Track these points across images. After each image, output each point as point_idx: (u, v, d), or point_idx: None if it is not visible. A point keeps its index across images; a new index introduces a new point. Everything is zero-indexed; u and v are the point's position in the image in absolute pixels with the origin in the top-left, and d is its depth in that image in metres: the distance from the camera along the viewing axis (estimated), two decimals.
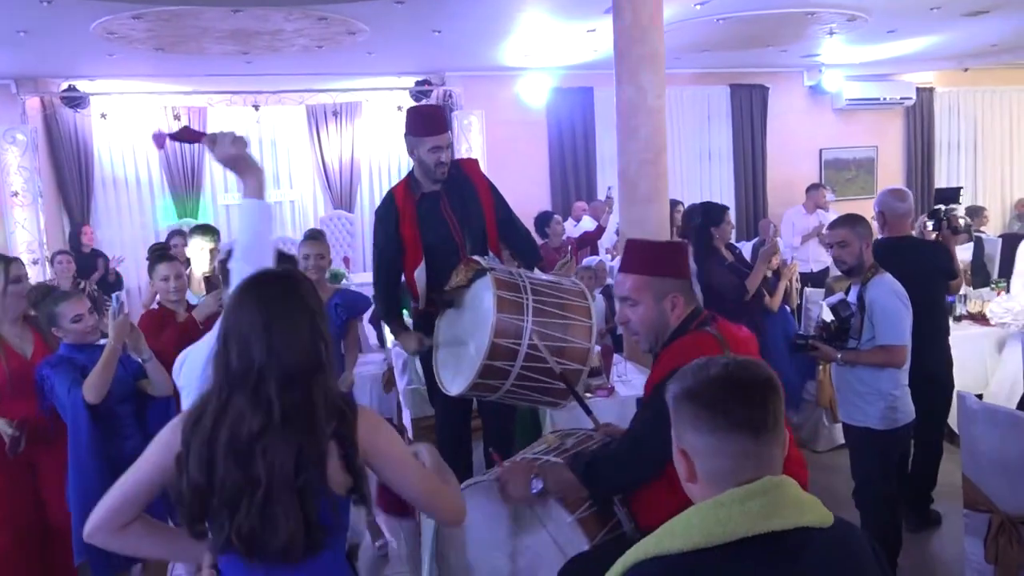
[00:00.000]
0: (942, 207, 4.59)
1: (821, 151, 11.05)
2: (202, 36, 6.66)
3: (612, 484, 2.27)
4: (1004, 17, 7.77)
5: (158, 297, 3.99)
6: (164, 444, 1.67)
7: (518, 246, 3.76)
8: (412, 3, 5.95)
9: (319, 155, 10.00)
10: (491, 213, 3.66)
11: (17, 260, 3.51)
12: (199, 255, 4.90)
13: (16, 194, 8.49)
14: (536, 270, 3.56)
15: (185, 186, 9.64)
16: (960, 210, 4.72)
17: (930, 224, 4.63)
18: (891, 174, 11.39)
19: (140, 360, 3.34)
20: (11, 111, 8.60)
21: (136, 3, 5.27)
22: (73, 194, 9.12)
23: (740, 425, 1.32)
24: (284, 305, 1.65)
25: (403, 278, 3.72)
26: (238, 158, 2.18)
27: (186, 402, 2.38)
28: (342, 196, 10.13)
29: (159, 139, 2.42)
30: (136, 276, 8.93)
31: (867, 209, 6.26)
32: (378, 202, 10.71)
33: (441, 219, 3.56)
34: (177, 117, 9.21)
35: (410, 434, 4.49)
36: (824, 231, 4.23)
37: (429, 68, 9.50)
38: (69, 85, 8.75)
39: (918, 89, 11.20)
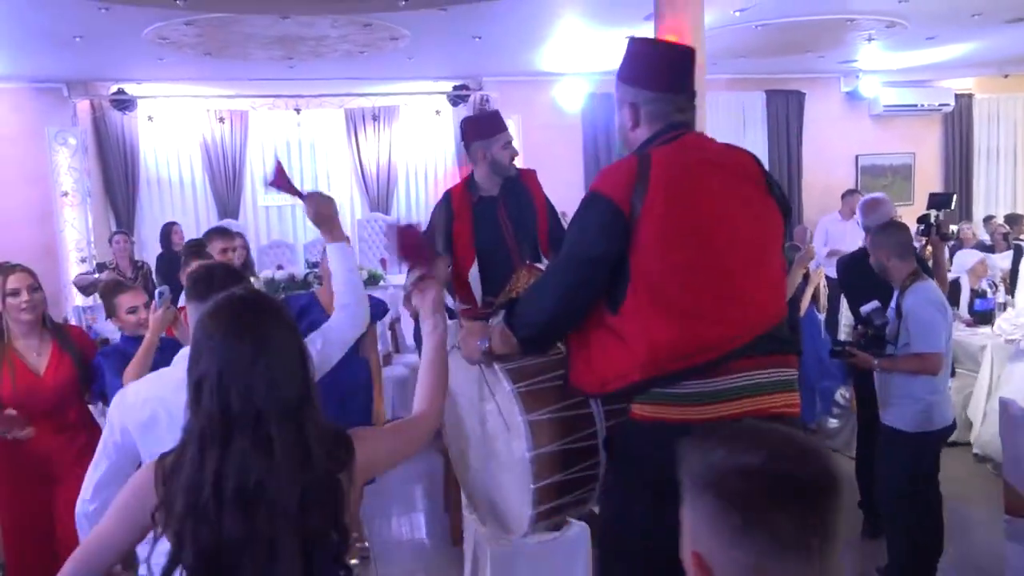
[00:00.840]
0: (933, 212, 4.53)
1: (858, 157, 11.01)
2: (248, 41, 6.84)
3: (529, 319, 2.05)
4: None
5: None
6: (137, 503, 1.52)
7: None
8: (454, 10, 6.07)
9: (357, 158, 10.17)
10: (544, 224, 3.76)
11: (21, 271, 3.21)
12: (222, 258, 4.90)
13: (66, 194, 8.75)
14: None
15: (227, 187, 9.87)
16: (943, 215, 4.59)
17: (919, 229, 4.59)
18: (928, 181, 11.31)
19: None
20: (62, 113, 8.87)
21: (189, 11, 5.43)
22: (120, 194, 9.37)
23: (787, 547, 0.95)
24: (277, 333, 1.53)
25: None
26: (327, 218, 2.38)
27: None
28: (379, 198, 10.28)
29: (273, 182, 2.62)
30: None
31: (907, 216, 6.28)
32: (414, 205, 10.79)
33: (496, 223, 3.65)
34: (222, 120, 9.44)
35: None
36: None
37: (466, 73, 9.63)
38: (118, 88, 9.00)
39: (957, 95, 11.12)
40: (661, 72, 2.04)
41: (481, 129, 3.64)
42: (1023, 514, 3.27)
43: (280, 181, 2.58)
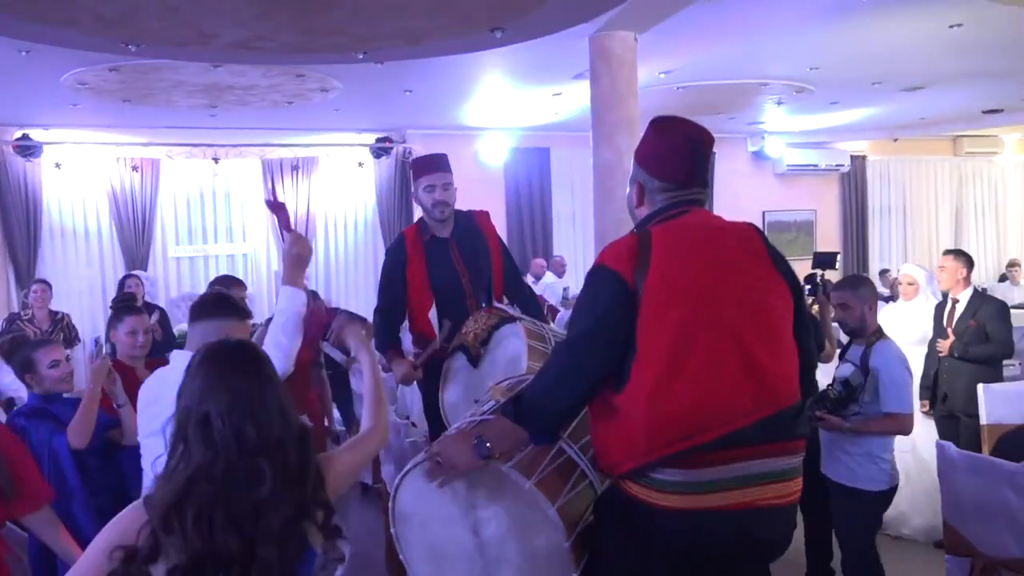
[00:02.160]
0: (818, 272, 4.62)
1: (764, 213, 11.54)
2: (175, 89, 6.67)
3: (544, 411, 2.02)
4: (935, 92, 8.36)
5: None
6: (121, 533, 1.61)
7: (522, 301, 3.87)
8: (390, 64, 6.10)
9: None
10: (499, 265, 3.77)
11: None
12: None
13: None
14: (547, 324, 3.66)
15: (135, 237, 9.49)
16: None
17: (807, 289, 4.59)
18: (828, 236, 11.95)
19: (115, 405, 3.30)
20: None
21: (129, 56, 5.27)
22: (20, 244, 8.87)
23: None
24: (269, 371, 1.73)
25: (408, 323, 3.80)
26: (302, 261, 2.46)
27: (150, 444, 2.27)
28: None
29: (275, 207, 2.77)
30: (91, 327, 8.76)
31: (802, 271, 6.60)
32: (333, 255, 10.70)
33: (450, 265, 3.65)
34: (135, 168, 9.12)
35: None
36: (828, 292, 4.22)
37: (391, 125, 9.65)
38: (23, 134, 8.58)
39: (852, 157, 11.86)
40: (672, 163, 2.07)
41: (416, 168, 3.69)
42: (963, 553, 3.41)
43: (282, 212, 2.62)
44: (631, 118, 5.56)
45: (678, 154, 2.08)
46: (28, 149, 8.63)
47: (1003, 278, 11.36)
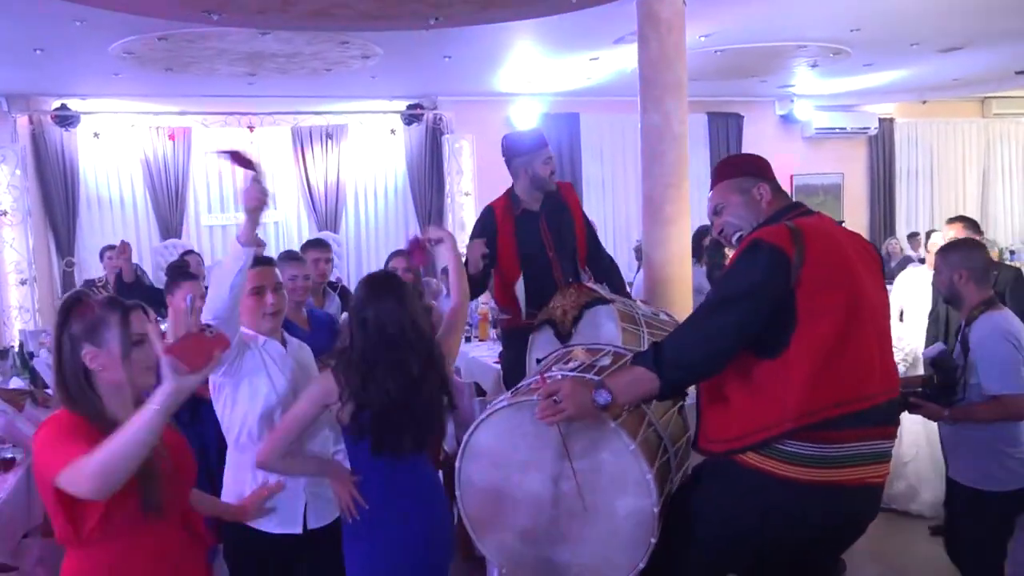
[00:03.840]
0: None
1: (792, 177, 11.54)
2: (218, 57, 6.71)
3: (688, 362, 2.10)
4: (973, 53, 8.32)
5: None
6: (322, 390, 2.42)
7: (603, 272, 3.95)
8: (435, 30, 6.11)
9: (304, 177, 10.04)
10: (583, 236, 3.86)
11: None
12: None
13: (5, 213, 8.33)
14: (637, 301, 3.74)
15: (169, 206, 9.59)
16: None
17: None
18: (856, 200, 11.95)
19: None
20: (1, 129, 8.46)
21: (196, 23, 5.31)
22: (59, 214, 8.99)
23: None
24: (403, 293, 2.50)
25: (495, 293, 3.89)
26: (256, 210, 2.42)
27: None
28: (327, 217, 10.17)
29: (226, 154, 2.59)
30: None
31: None
32: (363, 224, 10.80)
33: (537, 237, 3.74)
34: (172, 137, 9.18)
35: None
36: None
37: (423, 92, 9.67)
38: (61, 104, 8.65)
39: (880, 119, 11.81)
40: (764, 168, 2.42)
41: (525, 144, 3.75)
42: None
43: (237, 157, 2.53)
44: (679, 82, 5.58)
45: (767, 164, 2.45)
46: (66, 119, 8.71)
47: None
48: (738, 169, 2.38)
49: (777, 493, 2.05)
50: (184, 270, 4.80)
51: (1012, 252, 11.04)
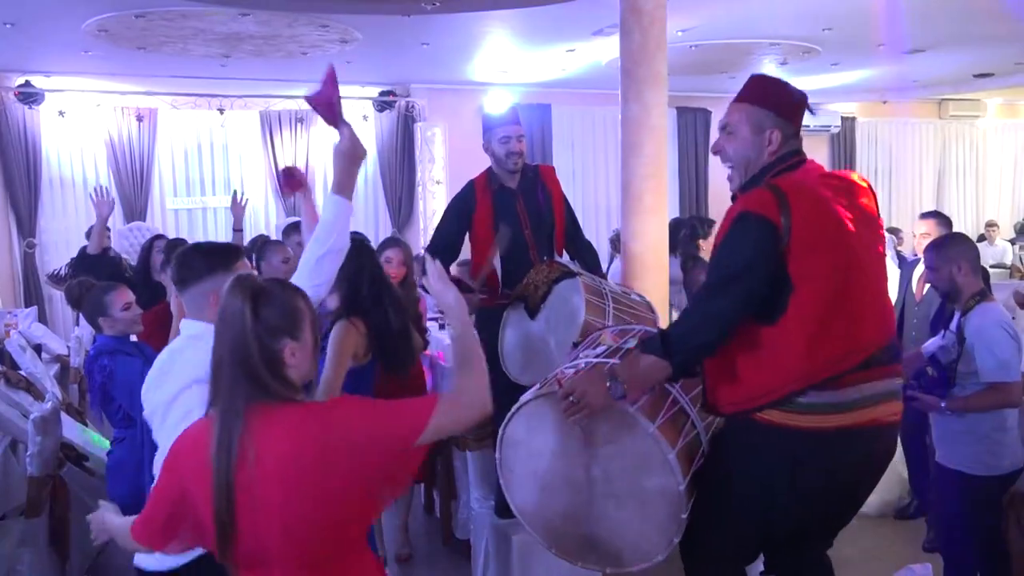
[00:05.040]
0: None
1: None
2: (193, 38, 6.61)
3: (695, 343, 2.18)
4: (933, 55, 8.57)
5: None
6: (344, 338, 3.04)
7: (582, 256, 4.02)
8: (416, 16, 6.11)
9: (272, 162, 9.95)
10: (561, 220, 3.92)
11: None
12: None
13: None
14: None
15: (134, 188, 9.42)
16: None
17: None
18: None
19: None
20: None
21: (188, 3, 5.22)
22: (21, 193, 8.78)
23: None
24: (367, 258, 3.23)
25: (470, 270, 3.93)
26: (355, 159, 2.40)
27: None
28: (296, 203, 10.08)
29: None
30: None
31: None
32: None
33: (515, 215, 3.79)
34: (140, 118, 9.02)
35: None
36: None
37: (397, 79, 9.64)
38: (25, 80, 8.43)
39: (842, 118, 12.08)
40: (798, 110, 2.30)
41: (489, 120, 3.86)
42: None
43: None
44: (659, 74, 5.65)
45: (802, 104, 2.30)
46: (30, 96, 8.49)
47: (981, 238, 11.75)
48: (767, 99, 2.26)
49: (799, 444, 2.13)
50: (96, 283, 4.71)
51: None
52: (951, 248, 3.16)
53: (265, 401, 1.64)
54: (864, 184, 2.33)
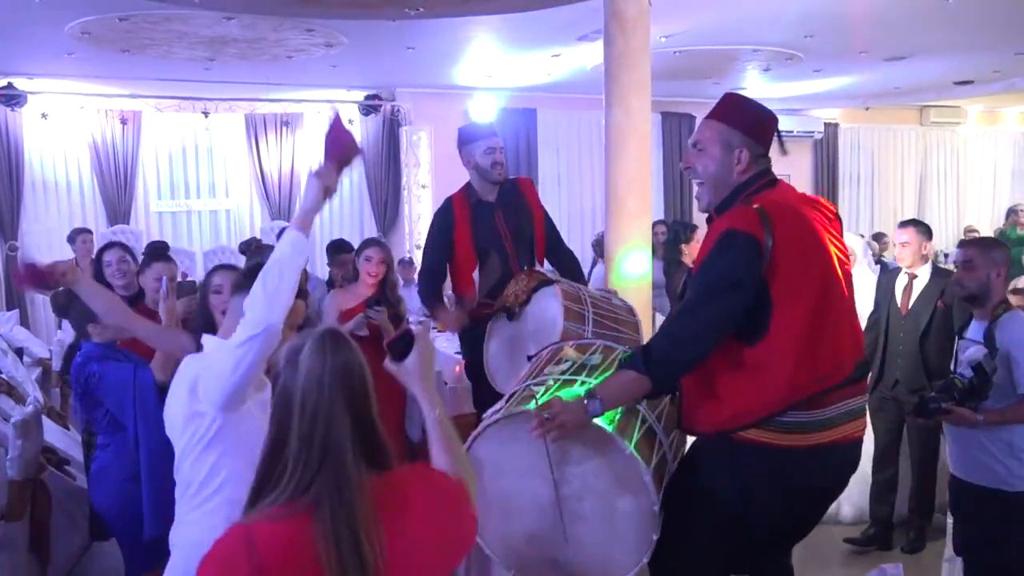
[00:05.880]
0: None
1: None
2: (177, 41, 6.60)
3: (678, 359, 2.17)
4: (913, 63, 8.67)
5: None
6: None
7: (564, 264, 4.04)
8: (401, 21, 6.13)
9: (257, 165, 9.95)
10: (541, 231, 3.95)
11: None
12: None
13: None
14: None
15: (118, 191, 9.38)
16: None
17: None
18: None
19: None
20: None
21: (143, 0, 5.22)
22: (3, 196, 8.73)
23: None
24: None
25: (451, 284, 3.96)
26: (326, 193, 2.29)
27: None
28: (281, 207, 10.08)
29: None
30: None
31: None
32: (318, 215, 10.91)
33: (494, 228, 3.82)
34: (124, 121, 8.99)
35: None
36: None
37: (382, 83, 9.65)
38: (8, 83, 8.39)
39: (825, 124, 12.18)
40: (767, 130, 2.32)
41: (470, 133, 3.87)
42: None
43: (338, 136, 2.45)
44: (643, 80, 5.71)
45: (769, 122, 2.32)
46: (12, 98, 8.45)
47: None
48: (737, 119, 2.28)
49: (781, 461, 2.16)
50: (160, 251, 4.79)
51: (946, 255, 11.51)
52: (995, 251, 3.01)
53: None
54: (831, 204, 2.42)
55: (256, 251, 4.55)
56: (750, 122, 2.28)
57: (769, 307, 2.11)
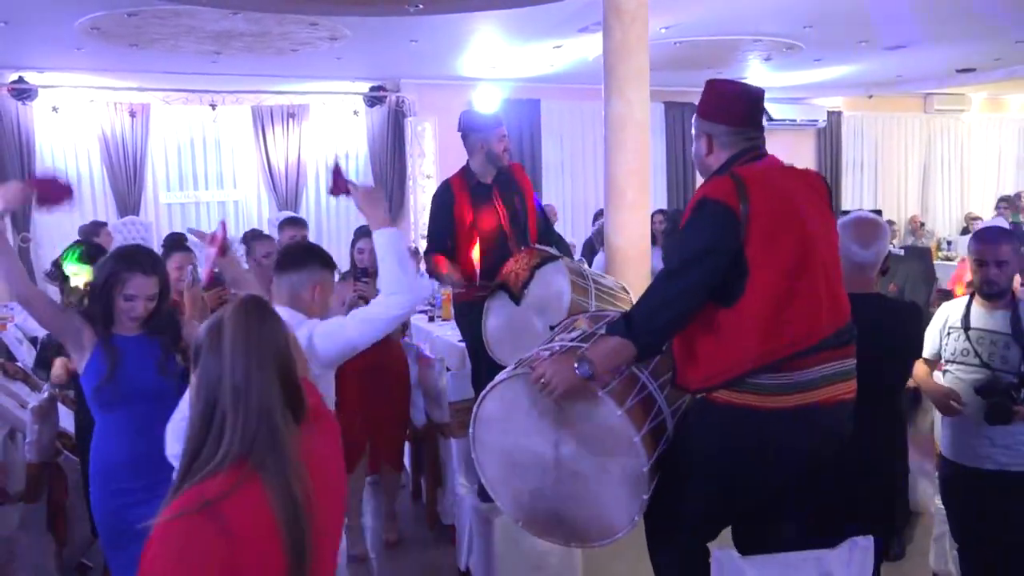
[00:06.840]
0: None
1: None
2: (185, 35, 6.72)
3: (657, 324, 2.26)
4: (914, 51, 8.71)
5: None
6: None
7: (557, 247, 4.16)
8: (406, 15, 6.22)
9: (264, 156, 10.06)
10: (533, 212, 4.07)
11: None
12: None
13: None
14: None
15: (127, 183, 9.52)
16: None
17: None
18: None
19: None
20: None
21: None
22: None
23: None
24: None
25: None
26: (376, 201, 2.60)
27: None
28: (287, 197, 10.20)
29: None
30: None
31: None
32: (323, 204, 10.97)
33: (493, 207, 3.95)
34: (133, 114, 9.12)
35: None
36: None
37: (387, 75, 9.74)
38: (19, 76, 8.53)
39: (828, 112, 12.23)
40: (733, 109, 2.37)
41: (483, 121, 3.99)
42: None
43: (339, 184, 2.78)
44: (641, 71, 5.80)
45: (738, 99, 2.39)
46: (24, 92, 8.59)
47: (965, 231, 11.92)
48: (701, 106, 2.41)
49: (760, 423, 2.23)
50: (179, 242, 4.88)
51: (949, 242, 11.56)
52: (1016, 243, 2.95)
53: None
54: (820, 177, 2.48)
55: (252, 240, 4.66)
56: (710, 107, 2.39)
57: (746, 272, 2.18)
